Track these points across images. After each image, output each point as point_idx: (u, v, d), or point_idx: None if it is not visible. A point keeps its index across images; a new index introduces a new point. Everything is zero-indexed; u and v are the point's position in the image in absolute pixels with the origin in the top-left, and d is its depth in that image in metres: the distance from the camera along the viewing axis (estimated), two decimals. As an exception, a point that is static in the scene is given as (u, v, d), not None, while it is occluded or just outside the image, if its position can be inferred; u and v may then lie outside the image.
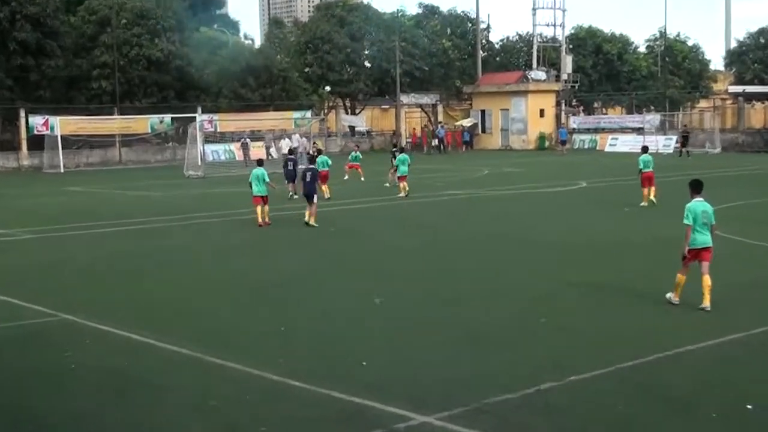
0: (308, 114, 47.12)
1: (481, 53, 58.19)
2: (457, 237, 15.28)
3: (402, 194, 22.56)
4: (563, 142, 47.47)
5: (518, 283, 10.82)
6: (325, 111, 57.86)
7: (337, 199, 22.61)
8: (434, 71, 56.29)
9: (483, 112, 54.21)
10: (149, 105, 43.69)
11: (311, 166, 18.10)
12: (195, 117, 40.89)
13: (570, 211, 19.00)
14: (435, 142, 51.06)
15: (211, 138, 40.94)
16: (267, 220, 17.59)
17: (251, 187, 17.83)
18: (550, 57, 58.23)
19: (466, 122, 54.42)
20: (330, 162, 23.29)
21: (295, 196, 21.98)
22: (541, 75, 53.04)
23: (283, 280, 11.32)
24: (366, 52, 55.37)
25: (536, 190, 24.45)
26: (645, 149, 20.46)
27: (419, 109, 57.49)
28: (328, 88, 51.27)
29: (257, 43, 62.34)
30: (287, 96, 48.97)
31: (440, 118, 55.80)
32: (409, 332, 8.43)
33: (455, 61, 57.34)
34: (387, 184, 25.39)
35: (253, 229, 16.89)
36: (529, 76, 52.71)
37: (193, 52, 45.41)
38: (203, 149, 35.29)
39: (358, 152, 29.19)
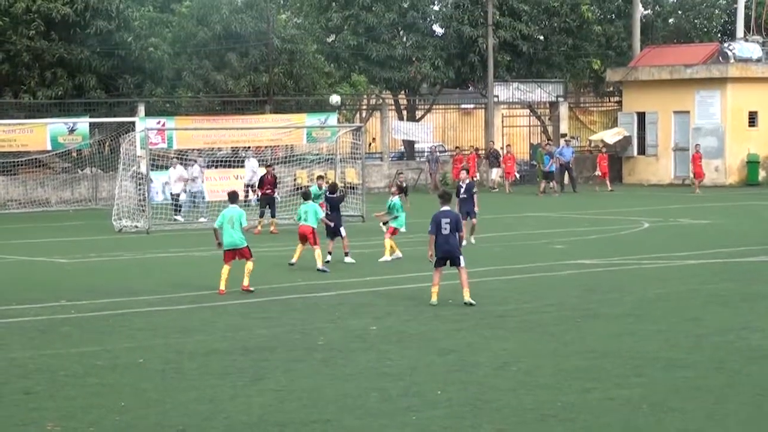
0: (332, 118, 47.35)
1: (640, 10, 58.08)
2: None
3: (388, 257, 24.88)
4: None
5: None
6: (364, 113, 58.22)
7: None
8: (554, 42, 56.36)
9: (641, 116, 53.87)
10: (49, 101, 44.42)
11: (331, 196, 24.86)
12: (133, 123, 41.35)
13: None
14: (552, 168, 50.57)
15: (162, 160, 41.32)
16: (246, 283, 20.19)
17: (216, 235, 20.75)
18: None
19: (611, 135, 54.08)
20: (320, 213, 23.83)
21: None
22: (752, 50, 52.56)
23: None
24: (435, 8, 55.76)
25: (741, 259, 24.33)
26: None
27: (527, 111, 57.48)
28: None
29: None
30: (297, 87, 49.38)
31: (564, 127, 55.60)
32: None
33: (593, 25, 57.36)
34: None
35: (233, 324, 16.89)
36: (729, 52, 52.27)
37: (131, 6, 46.20)
38: (150, 181, 35.45)
39: (395, 199, 26.65)
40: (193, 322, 17.62)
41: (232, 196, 21.13)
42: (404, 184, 31.33)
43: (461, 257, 18.44)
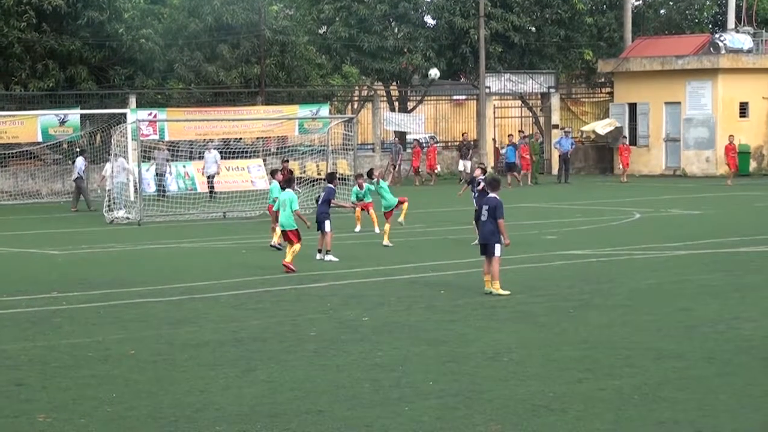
0: (324, 109, 47.32)
1: (631, 1, 58.06)
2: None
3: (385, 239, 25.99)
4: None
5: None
6: (355, 105, 58.24)
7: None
8: (546, 33, 56.31)
9: (632, 107, 53.90)
10: (41, 93, 44.31)
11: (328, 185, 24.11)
12: (125, 114, 41.28)
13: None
14: (514, 160, 50.07)
15: (153, 152, 41.28)
16: (289, 260, 21.51)
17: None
18: (762, 9, 57.65)
19: (602, 126, 54.12)
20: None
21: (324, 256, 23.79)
22: (743, 40, 52.58)
23: None
24: (427, 0, 55.71)
25: (732, 250, 24.39)
26: None
27: (519, 102, 57.49)
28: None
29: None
30: (288, 78, 49.32)
31: (555, 118, 55.61)
32: None
33: (584, 16, 57.35)
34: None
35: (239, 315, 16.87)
36: (720, 43, 52.28)
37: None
38: (140, 172, 35.38)
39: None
40: (185, 313, 17.61)
41: (288, 181, 22.74)
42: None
43: (496, 246, 18.28)
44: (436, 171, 50.19)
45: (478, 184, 26.61)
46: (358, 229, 28.76)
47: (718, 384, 12.37)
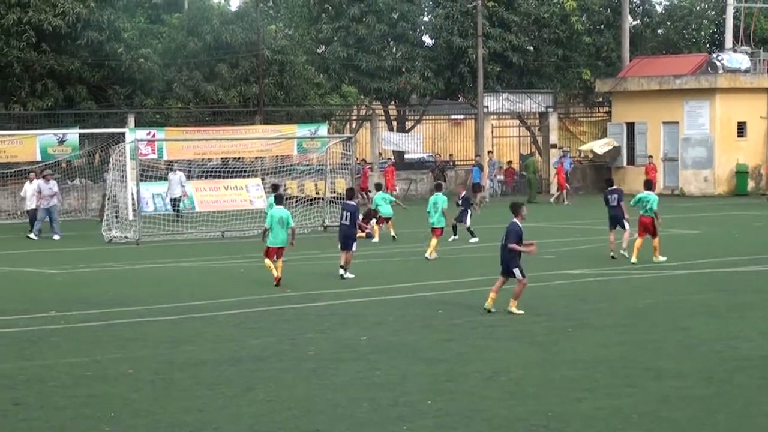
0: (322, 129, 47.36)
1: (629, 21, 58.23)
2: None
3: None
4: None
5: None
6: (354, 124, 58.36)
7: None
8: (544, 53, 56.46)
9: (630, 127, 53.98)
10: (40, 112, 44.37)
11: (350, 203, 23.93)
12: (123, 133, 41.31)
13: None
14: (479, 181, 49.06)
15: (152, 171, 41.24)
16: (278, 273, 22.35)
17: (266, 234, 22.70)
18: (760, 29, 57.73)
19: (600, 145, 54.15)
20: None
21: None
22: (740, 60, 52.69)
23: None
24: (425, 19, 55.86)
25: (731, 269, 24.38)
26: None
27: (517, 122, 57.57)
28: None
29: (235, 3, 63.48)
30: (287, 98, 49.41)
31: (553, 138, 55.67)
32: None
33: (582, 36, 57.51)
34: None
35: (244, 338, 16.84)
36: (718, 62, 52.41)
37: (121, 17, 46.18)
38: (138, 191, 35.37)
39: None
40: (183, 332, 17.60)
41: (278, 198, 23.39)
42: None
43: (515, 270, 18.64)
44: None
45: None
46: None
47: (717, 403, 12.36)
